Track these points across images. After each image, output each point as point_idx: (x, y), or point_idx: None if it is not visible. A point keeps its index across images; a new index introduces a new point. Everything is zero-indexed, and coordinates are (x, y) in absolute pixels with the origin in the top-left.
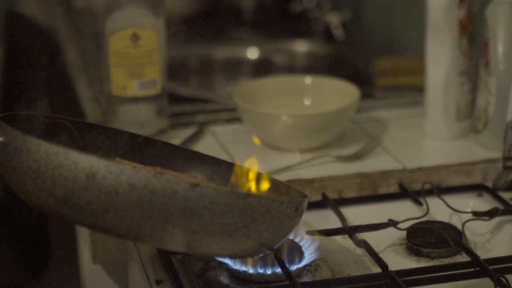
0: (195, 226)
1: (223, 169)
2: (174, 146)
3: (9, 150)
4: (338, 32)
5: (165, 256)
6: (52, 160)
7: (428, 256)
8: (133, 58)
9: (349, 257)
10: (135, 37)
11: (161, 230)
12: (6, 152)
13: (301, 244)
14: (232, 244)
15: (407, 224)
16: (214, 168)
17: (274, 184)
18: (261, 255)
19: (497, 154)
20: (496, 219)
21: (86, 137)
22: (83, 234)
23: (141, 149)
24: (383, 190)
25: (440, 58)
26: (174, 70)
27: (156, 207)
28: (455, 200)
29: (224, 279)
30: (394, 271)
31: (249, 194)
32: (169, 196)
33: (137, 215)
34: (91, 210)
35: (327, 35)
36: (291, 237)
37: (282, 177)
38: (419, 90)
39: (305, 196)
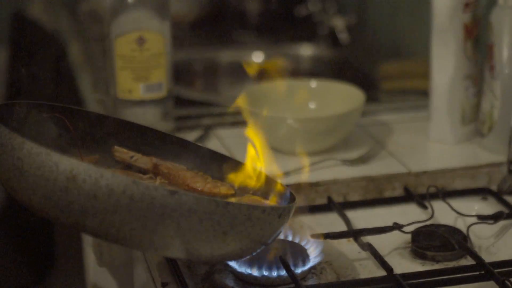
0: (173, 232)
1: (220, 161)
2: (172, 137)
3: None
4: (343, 36)
5: (171, 260)
6: (35, 160)
7: (433, 259)
8: (139, 62)
9: (354, 260)
10: (141, 41)
11: (139, 235)
12: None
13: (306, 247)
14: (211, 250)
15: (412, 228)
16: (212, 161)
17: (269, 182)
18: (241, 259)
19: (502, 157)
20: (501, 223)
21: (85, 126)
22: (89, 237)
23: (138, 137)
24: (388, 193)
25: (445, 62)
26: (180, 74)
27: (134, 212)
28: (460, 203)
29: (229, 282)
30: (399, 274)
31: (228, 203)
32: (147, 202)
33: (115, 220)
34: (70, 211)
35: (332, 39)
36: (297, 240)
37: (287, 180)
38: (424, 94)
39: (293, 201)
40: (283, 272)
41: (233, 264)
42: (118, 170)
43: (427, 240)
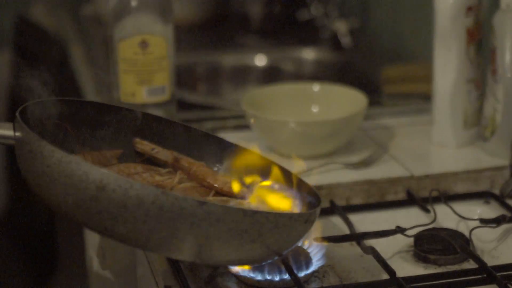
0: (201, 241)
1: (244, 157)
2: (191, 129)
3: (25, 151)
4: (346, 40)
5: (174, 263)
6: (65, 169)
7: (435, 263)
8: (142, 65)
9: (357, 264)
10: (144, 44)
11: (168, 243)
12: (22, 151)
13: (309, 250)
14: (239, 256)
15: (414, 231)
16: (229, 153)
17: (290, 180)
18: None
19: (504, 161)
20: (503, 226)
21: (110, 120)
22: (92, 240)
23: (159, 131)
24: (390, 197)
25: (448, 66)
26: (183, 77)
27: (164, 222)
28: (462, 207)
29: (232, 285)
30: (401, 278)
31: (256, 211)
32: (176, 212)
33: (145, 229)
34: (100, 219)
35: (335, 42)
36: (299, 244)
37: None
38: (426, 97)
39: (318, 203)
40: (286, 276)
41: (236, 267)
42: (139, 164)
43: (429, 244)
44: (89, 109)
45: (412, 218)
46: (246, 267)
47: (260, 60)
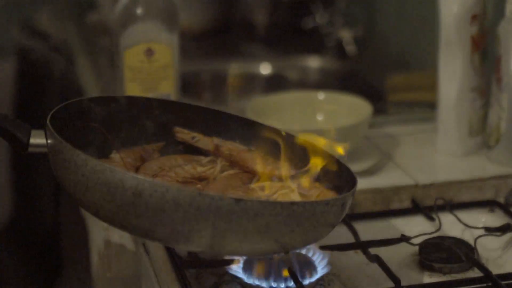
0: (242, 237)
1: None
2: (235, 116)
3: (59, 159)
4: (351, 48)
5: (179, 271)
6: (99, 177)
7: (440, 271)
8: (148, 73)
9: (362, 272)
10: (149, 52)
11: (208, 241)
12: (56, 159)
13: (314, 258)
14: (279, 246)
15: (419, 239)
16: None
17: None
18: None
19: (509, 170)
20: (508, 235)
21: (151, 113)
22: (97, 247)
23: (200, 119)
24: (395, 205)
25: (453, 74)
26: (188, 85)
27: (202, 222)
28: (467, 215)
29: None
30: (406, 286)
31: (293, 203)
32: (214, 212)
33: (184, 230)
34: (139, 224)
35: (340, 51)
36: (304, 251)
37: None
38: (431, 106)
39: (354, 184)
40: (291, 284)
41: (241, 275)
42: (180, 156)
43: (434, 252)
44: (123, 104)
45: (417, 227)
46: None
47: (265, 68)
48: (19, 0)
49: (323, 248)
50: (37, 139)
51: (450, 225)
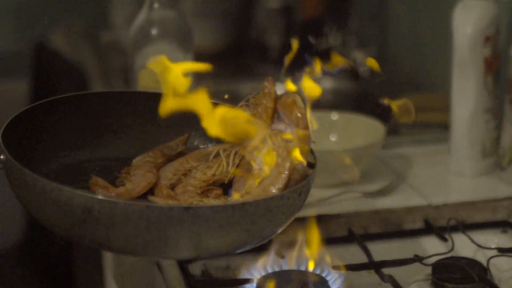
0: (195, 242)
1: None
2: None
3: (11, 177)
4: (364, 69)
5: (192, 285)
6: (50, 196)
7: None
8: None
9: None
10: None
11: (163, 249)
12: (9, 176)
13: (327, 278)
14: (235, 245)
15: (432, 260)
16: None
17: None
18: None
19: None
20: None
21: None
22: (110, 267)
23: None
24: (408, 226)
25: (466, 95)
26: None
27: (154, 233)
28: (480, 236)
29: None
30: None
31: (244, 203)
32: (164, 222)
33: (137, 242)
34: (93, 239)
35: (353, 71)
36: (318, 271)
37: (309, 212)
38: (444, 127)
39: (309, 169)
40: None
41: None
42: (189, 156)
43: (447, 273)
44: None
45: (430, 247)
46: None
47: (278, 89)
48: (33, 19)
49: (336, 268)
50: None
51: (463, 246)
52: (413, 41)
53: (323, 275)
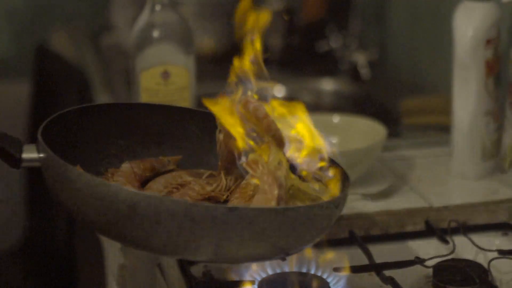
0: (237, 244)
1: None
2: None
3: (53, 173)
4: (365, 71)
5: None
6: (94, 191)
7: None
8: (164, 95)
9: None
10: (166, 74)
11: (205, 249)
12: (49, 174)
13: (328, 280)
14: (273, 251)
15: (433, 262)
16: None
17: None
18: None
19: None
20: None
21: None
22: (112, 268)
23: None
24: (409, 228)
25: (467, 98)
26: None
27: (197, 232)
28: (481, 238)
29: None
30: None
31: (286, 208)
32: (209, 222)
33: (180, 240)
34: (134, 236)
35: (354, 74)
36: (319, 273)
37: None
38: (445, 129)
39: (346, 183)
40: None
41: None
42: (184, 172)
43: (448, 275)
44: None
45: (431, 249)
46: None
47: (279, 91)
48: (35, 22)
49: (338, 270)
50: (30, 154)
51: (464, 248)
52: (414, 43)
53: (324, 277)
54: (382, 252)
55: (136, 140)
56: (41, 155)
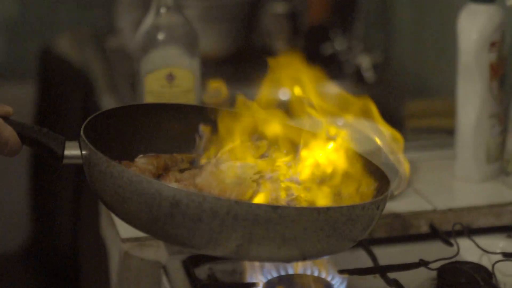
0: (279, 243)
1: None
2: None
3: (95, 171)
4: (369, 74)
5: None
6: (136, 188)
7: None
8: (168, 98)
9: None
10: (170, 77)
11: (245, 248)
12: (91, 171)
13: (333, 282)
14: (315, 251)
15: (437, 264)
16: None
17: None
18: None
19: None
20: None
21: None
22: (116, 270)
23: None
24: (413, 230)
25: (471, 101)
26: None
27: (239, 230)
28: (485, 241)
29: None
30: None
31: (329, 208)
32: (251, 220)
33: (222, 238)
34: (176, 234)
35: (358, 77)
36: (323, 276)
37: None
38: (449, 132)
39: (387, 185)
40: None
41: None
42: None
43: (452, 277)
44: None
45: (435, 252)
46: None
47: (284, 94)
48: (40, 24)
49: (342, 272)
50: (72, 151)
51: (468, 250)
52: (418, 46)
53: (328, 279)
54: (387, 255)
55: (162, 140)
56: (84, 152)
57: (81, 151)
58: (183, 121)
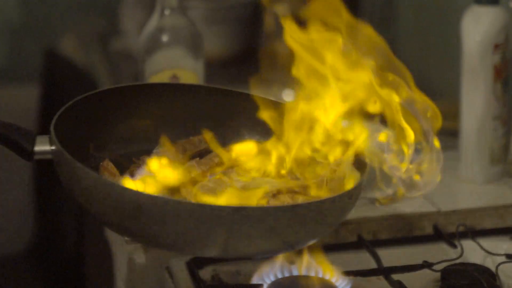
0: (245, 242)
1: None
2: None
3: (62, 169)
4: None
5: None
6: (101, 190)
7: None
8: None
9: None
10: (174, 79)
11: (213, 246)
12: (60, 168)
13: (336, 284)
14: (284, 246)
15: (441, 266)
16: None
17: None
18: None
19: None
20: None
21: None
22: (121, 272)
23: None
24: (417, 232)
25: (475, 103)
26: None
27: (203, 231)
28: (489, 242)
29: None
30: None
31: (294, 206)
32: (215, 221)
33: (186, 239)
34: (142, 235)
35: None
36: (327, 277)
37: None
38: (453, 134)
39: (363, 172)
40: None
41: None
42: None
43: (456, 279)
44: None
45: (439, 253)
46: None
47: (288, 96)
48: (44, 26)
49: (346, 273)
50: (42, 146)
51: (472, 252)
52: (422, 48)
53: (332, 280)
54: (390, 256)
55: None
56: (53, 147)
57: (50, 147)
58: (164, 102)
